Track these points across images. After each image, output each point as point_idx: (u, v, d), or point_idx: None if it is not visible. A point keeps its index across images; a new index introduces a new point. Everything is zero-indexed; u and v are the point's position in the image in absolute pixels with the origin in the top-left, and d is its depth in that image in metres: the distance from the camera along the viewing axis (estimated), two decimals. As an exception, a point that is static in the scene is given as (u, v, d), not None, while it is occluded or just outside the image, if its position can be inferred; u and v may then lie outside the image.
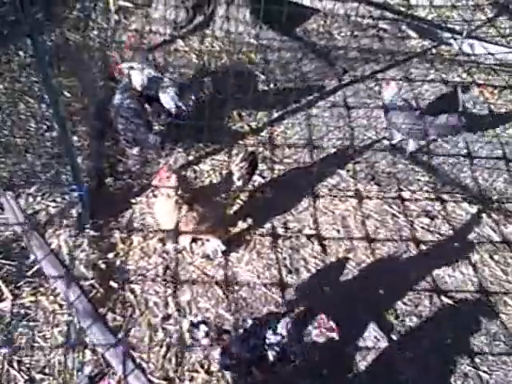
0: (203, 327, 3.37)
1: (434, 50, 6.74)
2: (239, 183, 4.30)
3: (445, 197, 5.01)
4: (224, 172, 4.87)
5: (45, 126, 5.19)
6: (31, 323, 3.87)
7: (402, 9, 7.27)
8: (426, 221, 4.79)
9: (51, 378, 3.63)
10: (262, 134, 5.50)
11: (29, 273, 4.11)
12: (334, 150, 5.38)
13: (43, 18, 3.21)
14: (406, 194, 5.00)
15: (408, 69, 6.44)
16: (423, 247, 4.61)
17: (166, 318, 4.00)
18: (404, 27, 7.03)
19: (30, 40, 3.27)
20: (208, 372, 3.72)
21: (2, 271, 4.09)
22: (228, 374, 3.67)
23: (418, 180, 5.15)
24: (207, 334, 3.36)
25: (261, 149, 5.29)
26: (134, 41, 6.29)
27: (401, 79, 6.25)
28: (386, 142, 5.48)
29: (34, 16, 3.18)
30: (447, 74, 6.40)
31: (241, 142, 5.38)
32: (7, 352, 3.68)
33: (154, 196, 4.65)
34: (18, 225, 4.36)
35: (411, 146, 5.33)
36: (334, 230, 4.67)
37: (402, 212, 4.84)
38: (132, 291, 4.13)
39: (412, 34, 6.97)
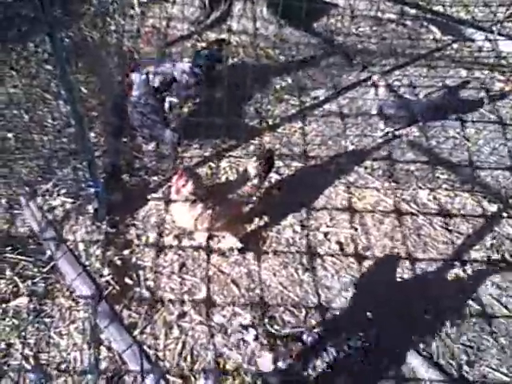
0: (252, 330, 3.36)
1: (455, 46, 6.61)
2: (255, 181, 4.25)
3: (465, 195, 4.92)
4: (240, 169, 4.81)
5: (62, 123, 5.19)
6: (47, 319, 3.88)
7: (424, 3, 7.16)
8: (446, 219, 4.70)
9: (67, 374, 3.64)
10: (279, 130, 5.44)
11: (45, 269, 4.12)
12: (351, 147, 5.31)
13: (61, 14, 3.18)
14: (424, 192, 4.91)
15: (429, 64, 6.34)
16: (441, 246, 4.52)
17: (182, 315, 3.98)
18: (425, 23, 6.91)
19: (48, 37, 3.27)
20: (224, 370, 3.69)
21: (18, 267, 4.10)
22: (244, 374, 3.66)
23: (437, 178, 5.05)
24: (256, 338, 3.34)
25: (278, 145, 5.24)
26: (150, 36, 6.26)
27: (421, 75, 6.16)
28: (404, 139, 5.41)
29: (53, 13, 3.18)
30: (470, 69, 6.28)
31: (258, 138, 5.33)
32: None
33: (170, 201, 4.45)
34: (35, 221, 4.36)
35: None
36: (351, 229, 4.61)
37: (420, 210, 4.76)
38: (148, 288, 4.12)
39: (434, 29, 6.85)
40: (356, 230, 4.61)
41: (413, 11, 6.97)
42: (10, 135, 4.99)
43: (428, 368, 3.75)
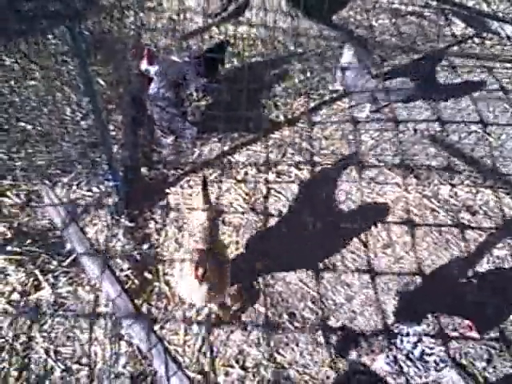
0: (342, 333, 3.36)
1: (476, 40, 6.51)
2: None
3: (487, 191, 4.84)
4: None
5: (80, 115, 5.19)
6: (68, 313, 3.88)
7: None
8: (468, 216, 4.64)
9: (87, 368, 3.64)
10: (299, 124, 5.39)
11: (65, 262, 4.12)
12: (371, 142, 5.25)
13: (81, 7, 3.17)
14: (446, 188, 4.84)
15: (447, 57, 6.25)
16: (464, 243, 4.46)
17: (201, 310, 3.97)
18: (449, 16, 6.81)
19: (68, 30, 3.25)
20: (243, 367, 3.68)
21: (39, 260, 4.10)
22: (264, 371, 3.64)
23: (459, 173, 4.98)
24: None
25: (297, 139, 5.20)
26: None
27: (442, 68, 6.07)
28: (425, 133, 5.34)
29: (74, 7, 3.16)
30: (492, 63, 6.18)
31: (277, 132, 5.28)
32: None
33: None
34: (57, 215, 4.36)
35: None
36: (372, 224, 4.56)
37: (442, 207, 4.69)
38: (167, 283, 4.11)
39: (457, 21, 6.74)
40: (377, 226, 4.56)
41: (435, 3, 6.86)
42: (29, 127, 4.99)
43: None
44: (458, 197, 4.77)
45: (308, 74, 6.00)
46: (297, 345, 3.80)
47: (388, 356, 3.30)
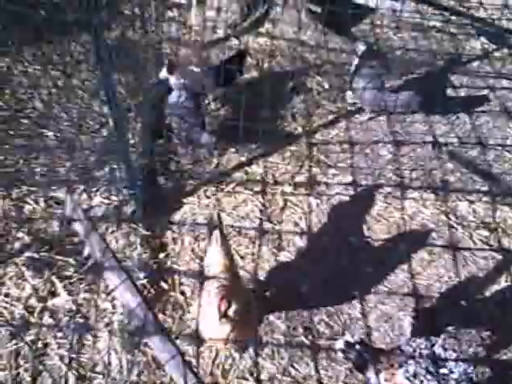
0: (360, 347, 3.32)
1: (497, 54, 6.48)
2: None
3: (505, 208, 4.80)
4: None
5: (100, 123, 5.22)
6: (83, 320, 3.89)
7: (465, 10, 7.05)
8: (485, 233, 4.60)
9: (101, 376, 3.64)
10: (316, 136, 5.39)
11: (82, 269, 4.13)
12: (389, 156, 5.23)
13: (105, 16, 3.21)
14: (464, 204, 4.81)
15: (466, 72, 6.23)
16: (482, 261, 4.42)
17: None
18: (471, 31, 6.79)
19: (92, 39, 3.28)
20: (258, 380, 3.66)
21: (55, 267, 4.12)
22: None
23: (477, 190, 4.95)
24: (361, 355, 3.30)
25: (315, 152, 5.20)
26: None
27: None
28: (443, 148, 5.31)
29: (99, 16, 3.19)
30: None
31: (294, 144, 5.29)
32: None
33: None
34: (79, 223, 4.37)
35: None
36: (387, 240, 4.54)
37: (459, 223, 4.66)
38: (182, 293, 4.11)
39: (477, 36, 6.72)
40: (392, 241, 4.53)
41: (458, 19, 6.85)
42: (49, 134, 5.03)
43: None
44: (476, 213, 4.73)
45: (326, 87, 6.00)
46: (312, 359, 3.79)
47: (408, 371, 3.27)
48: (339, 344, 3.41)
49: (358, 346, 3.32)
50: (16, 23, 4.38)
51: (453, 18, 6.92)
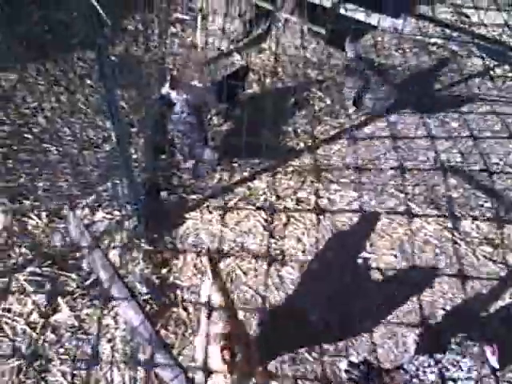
0: (364, 368, 3.30)
1: (498, 71, 6.51)
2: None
3: (509, 225, 4.79)
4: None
5: (102, 138, 5.24)
6: (85, 336, 3.86)
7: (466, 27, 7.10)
8: (489, 249, 4.58)
9: (103, 393, 3.62)
10: (318, 151, 5.40)
11: (84, 284, 4.12)
12: (391, 172, 5.23)
13: (108, 31, 3.23)
14: (467, 220, 4.80)
15: (468, 88, 6.26)
16: (485, 277, 4.40)
17: (219, 338, 3.93)
18: (473, 48, 6.83)
19: (96, 55, 3.29)
20: (261, 397, 3.63)
21: (58, 282, 4.11)
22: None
23: (480, 205, 4.94)
24: (367, 375, 3.28)
25: (317, 167, 5.20)
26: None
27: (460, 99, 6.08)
28: (446, 164, 5.32)
29: (103, 33, 3.21)
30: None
31: (296, 159, 5.29)
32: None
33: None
34: (81, 238, 4.37)
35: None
36: (391, 256, 4.52)
37: (463, 239, 4.65)
38: (185, 309, 4.09)
39: (479, 53, 6.76)
40: (396, 256, 4.52)
41: (459, 36, 6.90)
42: (52, 148, 5.04)
43: None
44: (480, 229, 4.72)
45: (328, 102, 6.02)
46: (315, 378, 3.76)
47: None
48: (343, 365, 3.40)
49: (361, 367, 3.31)
50: (21, 41, 4.41)
51: (454, 35, 6.96)
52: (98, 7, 2.81)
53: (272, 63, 6.48)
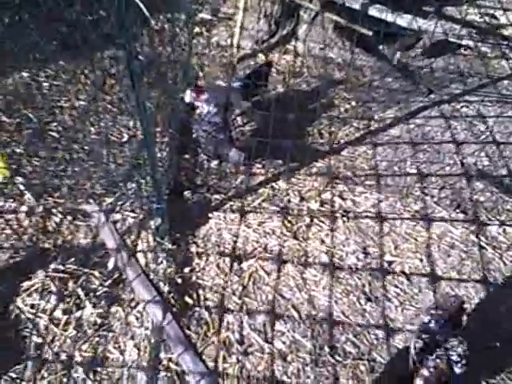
0: None
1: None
2: None
3: (536, 229, 4.70)
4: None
5: (126, 136, 5.26)
6: (107, 333, 3.87)
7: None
8: (517, 254, 4.50)
9: (125, 390, 3.62)
10: (343, 153, 5.36)
11: (107, 282, 4.13)
12: (418, 174, 5.16)
13: (137, 30, 3.24)
14: (494, 225, 4.71)
15: (496, 90, 6.16)
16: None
17: (241, 338, 3.91)
18: (504, 50, 6.72)
19: (124, 53, 3.29)
20: (282, 398, 3.61)
21: (81, 279, 4.12)
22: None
23: (508, 210, 4.85)
24: None
25: (342, 169, 5.15)
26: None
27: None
28: (473, 167, 5.23)
29: (131, 31, 3.21)
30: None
31: (321, 160, 5.25)
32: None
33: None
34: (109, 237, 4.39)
35: None
36: (416, 259, 4.45)
37: (489, 244, 4.56)
38: (207, 308, 4.07)
39: (506, 55, 6.65)
40: (421, 260, 4.45)
41: (487, 38, 6.79)
42: (76, 146, 5.07)
43: None
44: (507, 234, 4.63)
45: (353, 104, 5.97)
46: (337, 379, 3.71)
47: None
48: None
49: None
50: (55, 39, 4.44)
51: (482, 36, 6.85)
52: (142, 5, 2.82)
53: (297, 64, 6.45)
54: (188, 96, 5.05)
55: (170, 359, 3.72)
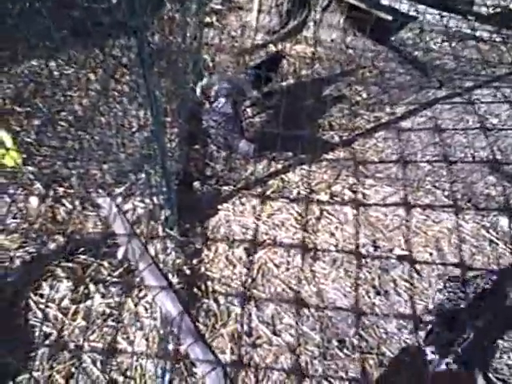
0: None
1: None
2: None
3: (549, 225, 4.65)
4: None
5: (136, 126, 5.23)
6: (116, 324, 3.87)
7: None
8: (529, 250, 4.46)
9: (133, 381, 3.61)
10: (354, 145, 5.31)
11: (116, 272, 4.12)
12: (428, 168, 5.12)
13: (148, 19, 3.21)
14: (505, 220, 4.67)
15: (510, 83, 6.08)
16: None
17: (249, 330, 3.90)
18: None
19: (135, 41, 3.26)
20: (291, 392, 3.60)
21: (89, 269, 4.12)
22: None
23: (519, 205, 4.81)
24: None
25: (352, 161, 5.12)
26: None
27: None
28: (485, 161, 5.18)
29: (142, 19, 3.18)
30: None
31: (331, 152, 5.22)
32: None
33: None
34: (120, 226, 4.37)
35: None
36: (426, 253, 4.42)
37: (501, 239, 4.52)
38: (215, 300, 4.07)
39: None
40: (431, 254, 4.42)
41: (501, 29, 6.71)
42: (87, 136, 5.06)
43: None
44: (518, 229, 4.60)
45: (364, 95, 5.92)
46: (346, 373, 3.70)
47: None
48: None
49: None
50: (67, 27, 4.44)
51: (496, 28, 6.77)
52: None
53: (308, 55, 6.39)
54: (199, 88, 5.03)
55: (177, 350, 3.72)
